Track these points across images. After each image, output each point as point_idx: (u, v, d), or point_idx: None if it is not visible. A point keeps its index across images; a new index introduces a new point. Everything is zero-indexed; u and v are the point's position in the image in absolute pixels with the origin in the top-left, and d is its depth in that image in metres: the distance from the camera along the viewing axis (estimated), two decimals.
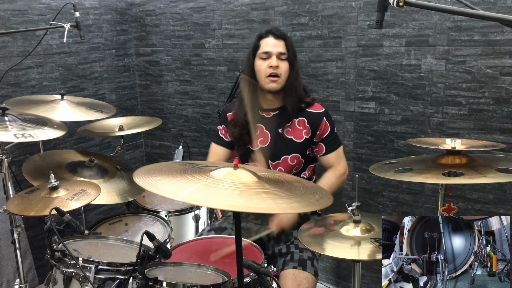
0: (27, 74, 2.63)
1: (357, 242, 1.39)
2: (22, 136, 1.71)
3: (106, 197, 2.06)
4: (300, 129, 1.93)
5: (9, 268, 2.46)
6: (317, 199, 1.23)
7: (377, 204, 2.44)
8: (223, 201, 1.07)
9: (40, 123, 1.88)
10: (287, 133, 1.93)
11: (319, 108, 1.96)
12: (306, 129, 1.93)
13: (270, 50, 1.87)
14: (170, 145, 3.29)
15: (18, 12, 2.54)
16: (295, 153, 1.93)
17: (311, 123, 1.93)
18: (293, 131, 1.93)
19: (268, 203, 1.08)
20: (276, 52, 1.87)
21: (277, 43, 1.88)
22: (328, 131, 1.94)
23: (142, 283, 1.32)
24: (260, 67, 1.89)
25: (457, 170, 1.49)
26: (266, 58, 1.88)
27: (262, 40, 1.90)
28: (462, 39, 2.06)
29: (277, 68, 1.86)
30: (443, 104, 2.16)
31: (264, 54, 1.88)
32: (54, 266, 1.51)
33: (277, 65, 1.86)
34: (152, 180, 1.18)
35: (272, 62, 1.86)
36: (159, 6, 3.06)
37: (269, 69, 1.86)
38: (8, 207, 1.75)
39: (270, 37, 1.89)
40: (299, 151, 1.94)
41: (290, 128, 1.93)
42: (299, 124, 1.93)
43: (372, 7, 2.24)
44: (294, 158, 1.93)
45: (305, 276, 1.74)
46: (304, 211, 1.75)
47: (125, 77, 3.26)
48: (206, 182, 1.16)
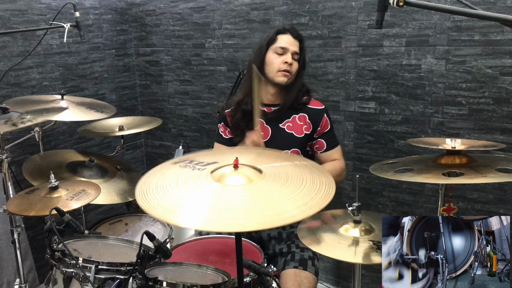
0: (27, 74, 2.63)
1: (355, 243, 1.39)
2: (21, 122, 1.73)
3: (106, 197, 2.06)
4: (301, 124, 1.95)
5: (10, 268, 2.46)
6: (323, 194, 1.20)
7: (377, 204, 2.44)
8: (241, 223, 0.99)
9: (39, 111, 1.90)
10: (288, 128, 1.95)
11: (319, 105, 1.99)
12: (307, 124, 1.96)
13: (288, 47, 1.90)
14: (170, 145, 3.29)
15: (18, 12, 2.54)
16: (295, 148, 1.95)
17: (312, 119, 1.96)
18: (293, 126, 1.95)
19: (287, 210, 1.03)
20: (292, 50, 1.90)
21: (294, 42, 1.92)
22: (329, 127, 1.98)
23: (142, 283, 1.32)
24: (273, 60, 1.91)
25: (457, 170, 1.49)
26: (282, 54, 1.90)
27: (279, 35, 1.93)
28: (462, 39, 2.06)
29: (291, 65, 1.90)
30: (443, 104, 2.16)
31: (280, 49, 1.90)
32: (54, 266, 1.51)
33: (292, 62, 1.90)
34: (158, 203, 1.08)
35: (287, 58, 1.89)
36: (159, 6, 3.06)
37: (283, 64, 1.89)
38: (8, 207, 1.75)
39: (288, 35, 1.92)
40: (299, 146, 1.96)
41: (291, 123, 1.95)
42: (300, 119, 1.96)
43: (372, 7, 2.24)
44: (295, 153, 1.95)
45: (306, 275, 1.74)
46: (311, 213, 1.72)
47: (125, 77, 3.26)
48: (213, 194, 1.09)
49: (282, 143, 1.94)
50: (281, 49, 1.90)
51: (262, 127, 1.96)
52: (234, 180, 1.14)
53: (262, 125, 1.96)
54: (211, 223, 1.00)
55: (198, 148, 3.13)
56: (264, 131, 1.96)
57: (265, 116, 1.95)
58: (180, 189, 1.12)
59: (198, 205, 1.06)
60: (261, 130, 1.89)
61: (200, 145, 3.12)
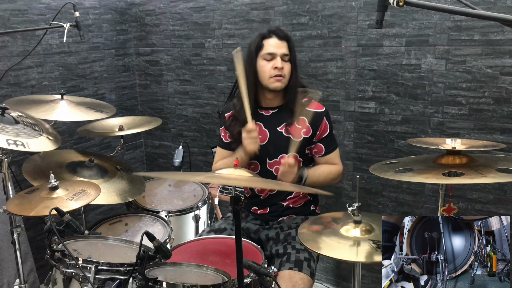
0: (27, 74, 2.62)
1: (356, 243, 1.39)
2: (14, 143, 1.68)
3: (106, 197, 2.06)
4: (300, 128, 1.90)
5: (10, 269, 2.46)
6: None
7: (377, 204, 2.44)
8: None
9: (36, 130, 1.87)
10: (286, 132, 1.92)
11: (320, 108, 1.94)
12: (306, 128, 1.91)
13: (275, 51, 1.85)
14: (170, 145, 3.29)
15: (18, 12, 2.54)
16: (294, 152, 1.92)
17: (311, 122, 1.90)
18: (292, 130, 1.91)
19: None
20: (280, 54, 1.85)
21: (280, 44, 1.86)
22: (328, 131, 1.93)
23: (142, 283, 1.32)
24: (264, 68, 1.86)
25: (457, 170, 1.49)
26: (270, 59, 1.86)
27: (265, 40, 1.87)
28: (462, 39, 2.06)
29: (281, 69, 1.85)
30: (443, 104, 2.16)
31: (268, 55, 1.85)
32: (54, 266, 1.51)
33: (282, 66, 1.85)
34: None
35: (277, 63, 1.84)
36: (159, 6, 3.05)
37: (274, 70, 1.85)
38: (8, 207, 1.74)
39: (273, 38, 1.86)
40: (297, 151, 1.90)
41: (289, 126, 1.92)
42: (299, 123, 1.91)
43: (372, 7, 2.24)
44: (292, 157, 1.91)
45: (301, 277, 1.73)
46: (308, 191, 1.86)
47: (125, 77, 3.25)
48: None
49: (280, 147, 1.91)
50: (269, 55, 1.85)
51: (260, 130, 1.94)
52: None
53: (260, 129, 1.94)
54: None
55: (198, 148, 3.14)
56: (262, 134, 1.93)
57: (262, 119, 1.93)
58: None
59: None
60: (258, 133, 1.89)
61: (200, 145, 3.12)
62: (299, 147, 1.84)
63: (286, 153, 1.89)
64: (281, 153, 1.91)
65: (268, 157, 1.95)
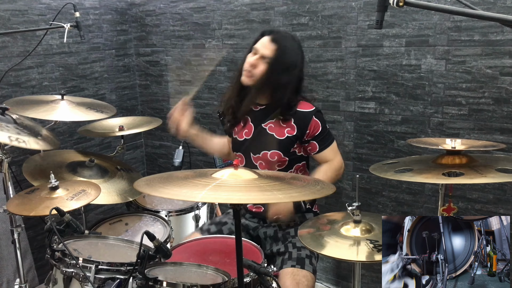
0: (27, 74, 2.63)
1: (356, 243, 1.40)
2: (16, 140, 1.71)
3: (106, 197, 2.06)
4: (283, 126, 1.90)
5: (9, 268, 2.46)
6: (319, 189, 1.25)
7: (377, 204, 2.44)
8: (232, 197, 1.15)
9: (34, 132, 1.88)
10: (269, 129, 1.92)
11: (308, 107, 1.91)
12: (290, 127, 1.89)
13: (258, 48, 1.87)
14: (170, 145, 3.29)
15: (18, 12, 2.54)
16: (275, 149, 1.90)
17: (297, 122, 1.89)
18: (275, 128, 1.91)
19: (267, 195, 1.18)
20: (261, 52, 1.86)
21: (268, 45, 1.85)
22: (320, 129, 1.90)
23: (142, 283, 1.32)
24: (244, 60, 1.91)
25: (457, 170, 1.49)
26: (254, 54, 1.89)
27: (261, 36, 1.91)
28: (462, 39, 2.06)
29: (253, 66, 1.86)
30: (443, 104, 2.16)
31: (253, 50, 1.89)
32: (54, 266, 1.51)
33: (255, 64, 1.86)
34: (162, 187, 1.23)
35: (251, 59, 1.87)
36: (159, 6, 3.06)
37: (246, 64, 1.89)
38: (8, 207, 1.75)
39: (266, 37, 1.89)
40: (280, 149, 1.90)
41: (273, 124, 1.92)
42: (283, 121, 1.91)
43: (372, 7, 2.24)
44: (274, 154, 1.90)
45: (304, 274, 1.75)
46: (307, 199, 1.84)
47: (125, 77, 3.26)
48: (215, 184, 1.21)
49: (262, 143, 1.92)
50: (253, 50, 1.89)
51: (247, 124, 1.98)
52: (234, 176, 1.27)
53: (248, 122, 1.98)
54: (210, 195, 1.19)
55: (198, 148, 3.13)
56: (248, 128, 1.98)
57: (251, 113, 1.97)
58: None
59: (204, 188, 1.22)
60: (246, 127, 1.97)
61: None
62: (283, 146, 1.88)
63: (268, 150, 1.91)
64: (263, 150, 1.92)
65: (252, 151, 1.96)
